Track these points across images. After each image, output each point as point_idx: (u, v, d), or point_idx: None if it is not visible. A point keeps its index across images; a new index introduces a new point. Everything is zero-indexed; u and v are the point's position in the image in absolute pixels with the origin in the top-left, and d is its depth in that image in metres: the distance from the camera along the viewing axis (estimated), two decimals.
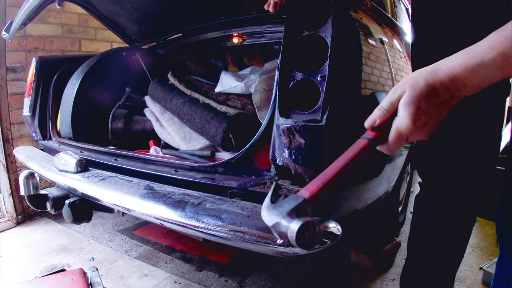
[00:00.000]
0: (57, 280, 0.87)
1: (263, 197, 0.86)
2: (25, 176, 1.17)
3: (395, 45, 1.19)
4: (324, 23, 0.76)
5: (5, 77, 1.96)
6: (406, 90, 0.47)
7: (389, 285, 1.41)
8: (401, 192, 1.70)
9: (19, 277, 1.45)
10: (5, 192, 2.03)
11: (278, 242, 0.62)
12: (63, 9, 2.25)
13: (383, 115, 0.50)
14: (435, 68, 0.47)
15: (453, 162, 0.85)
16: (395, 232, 1.77)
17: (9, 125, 2.00)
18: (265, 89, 1.28)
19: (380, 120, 0.50)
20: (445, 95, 0.46)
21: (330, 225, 0.73)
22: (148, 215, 0.90)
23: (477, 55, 0.44)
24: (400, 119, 0.48)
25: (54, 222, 2.04)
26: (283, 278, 1.45)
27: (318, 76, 0.75)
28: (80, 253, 1.67)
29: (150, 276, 1.47)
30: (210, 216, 0.77)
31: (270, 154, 0.86)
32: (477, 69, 0.44)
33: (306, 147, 0.75)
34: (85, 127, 1.63)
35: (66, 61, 1.79)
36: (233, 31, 1.71)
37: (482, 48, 0.45)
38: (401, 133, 0.48)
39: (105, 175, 1.09)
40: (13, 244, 1.76)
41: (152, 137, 1.65)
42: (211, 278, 1.45)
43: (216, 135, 1.30)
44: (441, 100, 0.46)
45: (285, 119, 0.76)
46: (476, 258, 1.60)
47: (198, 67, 2.20)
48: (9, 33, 1.58)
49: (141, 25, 1.93)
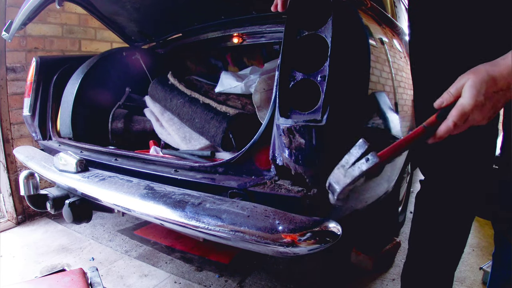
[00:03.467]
0: (57, 280, 0.87)
1: (263, 197, 0.87)
2: (25, 176, 1.17)
3: (395, 45, 1.19)
4: (324, 23, 0.76)
5: (5, 77, 1.96)
6: (470, 77, 0.57)
7: (389, 285, 1.41)
8: (401, 192, 1.70)
9: (19, 277, 1.45)
10: (5, 192, 2.03)
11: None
12: (63, 9, 2.25)
13: (449, 98, 0.60)
14: (496, 62, 0.57)
15: (453, 156, 0.86)
16: (395, 232, 1.77)
17: (9, 125, 2.00)
18: (265, 89, 1.28)
19: (446, 102, 0.60)
20: (503, 84, 0.55)
21: (330, 225, 0.73)
22: (148, 215, 0.90)
23: None
24: (463, 98, 0.57)
25: (54, 222, 2.04)
26: (283, 278, 1.45)
27: (318, 76, 0.75)
28: (80, 253, 1.67)
29: (150, 276, 1.47)
30: (210, 216, 0.77)
31: (270, 154, 0.86)
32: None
33: (306, 147, 0.75)
34: (85, 127, 1.63)
35: (66, 61, 1.79)
36: (233, 31, 1.71)
37: None
38: (463, 108, 0.57)
39: (105, 175, 1.09)
40: (13, 244, 1.76)
41: (152, 137, 1.65)
42: (211, 278, 1.45)
43: (216, 135, 1.30)
44: (498, 88, 0.55)
45: (285, 119, 0.76)
46: (476, 258, 1.60)
47: (198, 67, 2.21)
48: (9, 33, 1.58)
49: (141, 25, 1.93)
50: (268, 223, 0.72)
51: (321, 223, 0.72)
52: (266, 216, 0.74)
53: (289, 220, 0.72)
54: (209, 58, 2.25)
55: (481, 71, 0.56)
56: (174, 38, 2.05)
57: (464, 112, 0.57)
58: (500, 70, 0.55)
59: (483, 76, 0.56)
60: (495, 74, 0.55)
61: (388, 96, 1.05)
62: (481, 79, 0.56)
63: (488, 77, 0.55)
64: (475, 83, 0.56)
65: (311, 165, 0.77)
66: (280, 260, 1.58)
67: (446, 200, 0.89)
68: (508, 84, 0.55)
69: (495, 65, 0.56)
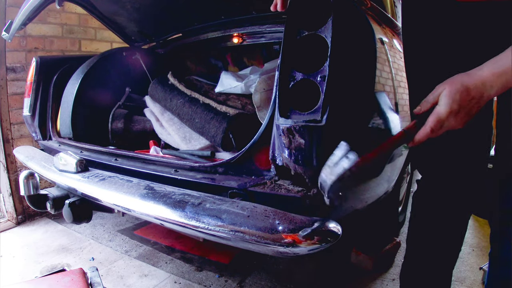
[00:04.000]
0: (57, 280, 0.87)
1: (263, 197, 0.87)
2: (25, 176, 1.17)
3: (395, 45, 1.19)
4: (324, 23, 0.76)
5: (5, 77, 1.96)
6: (445, 87, 0.62)
7: (389, 285, 1.41)
8: (401, 192, 1.70)
9: (19, 277, 1.45)
10: (5, 192, 2.03)
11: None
12: (63, 9, 2.25)
13: (427, 105, 0.65)
14: (471, 72, 0.62)
15: (448, 155, 0.87)
16: (395, 232, 1.77)
17: (9, 125, 2.00)
18: (265, 89, 1.28)
19: (424, 109, 0.66)
20: (475, 94, 0.60)
21: (330, 225, 0.73)
22: (148, 215, 0.90)
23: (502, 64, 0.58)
24: (439, 106, 0.63)
25: (54, 222, 2.04)
26: (283, 278, 1.45)
27: (318, 76, 0.75)
28: (80, 253, 1.67)
29: (150, 276, 1.47)
30: (210, 216, 0.77)
31: (270, 154, 0.86)
32: (502, 74, 0.58)
33: (306, 147, 0.75)
34: (85, 127, 1.63)
35: (66, 61, 1.79)
36: (233, 31, 1.71)
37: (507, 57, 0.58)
38: (439, 116, 0.62)
39: (105, 175, 1.09)
40: (13, 244, 1.76)
41: (152, 137, 1.65)
42: (211, 278, 1.45)
43: (216, 135, 1.30)
44: (471, 97, 0.60)
45: (285, 119, 0.76)
46: (476, 258, 1.60)
47: (198, 67, 2.21)
48: (9, 33, 1.58)
49: (141, 25, 1.93)
50: (268, 223, 0.72)
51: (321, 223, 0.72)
52: (266, 216, 0.74)
53: (289, 220, 0.72)
54: (209, 58, 2.25)
55: (457, 82, 0.61)
56: (174, 38, 2.05)
57: (440, 119, 0.63)
58: (474, 81, 0.60)
59: (457, 86, 0.61)
60: (469, 85, 0.60)
61: (388, 96, 1.05)
62: (455, 89, 0.61)
63: (462, 87, 0.60)
64: (450, 93, 0.61)
65: (311, 165, 0.77)
66: (280, 260, 1.58)
67: (442, 198, 0.90)
68: (480, 94, 0.60)
69: (470, 76, 0.61)
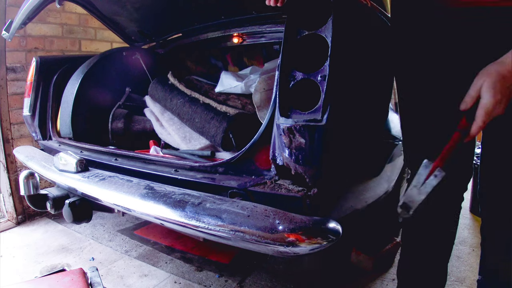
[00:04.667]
0: (57, 280, 0.87)
1: (263, 197, 0.87)
2: (25, 176, 1.17)
3: None
4: (324, 23, 0.76)
5: (5, 77, 1.96)
6: (485, 80, 0.66)
7: (389, 285, 1.41)
8: (401, 192, 1.70)
9: (19, 277, 1.45)
10: (5, 192, 2.03)
11: None
12: (63, 9, 2.25)
13: (471, 100, 0.69)
14: (501, 61, 0.66)
15: (434, 152, 0.88)
16: (395, 232, 1.77)
17: (9, 125, 2.00)
18: (265, 89, 1.27)
19: (470, 104, 0.69)
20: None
21: (330, 225, 0.73)
22: (148, 215, 0.90)
23: None
24: (484, 99, 0.66)
25: (54, 222, 2.04)
26: (283, 278, 1.45)
27: (319, 76, 0.75)
28: (80, 253, 1.67)
29: (150, 276, 1.47)
30: (210, 216, 0.77)
31: (270, 154, 0.86)
32: None
33: (306, 146, 0.75)
34: (85, 127, 1.63)
35: (66, 61, 1.79)
36: (233, 31, 1.71)
37: None
38: (487, 108, 0.66)
39: (105, 175, 1.09)
40: (13, 244, 1.76)
41: (152, 137, 1.65)
42: (211, 278, 1.45)
43: (216, 135, 1.30)
44: (510, 84, 0.65)
45: (286, 118, 0.76)
46: (476, 258, 1.60)
47: (198, 67, 2.20)
48: (9, 33, 1.58)
49: (141, 25, 1.93)
50: (268, 222, 0.72)
51: (321, 223, 0.73)
52: (266, 216, 0.74)
53: (290, 220, 0.72)
54: (209, 58, 2.25)
55: (493, 72, 0.65)
56: (174, 38, 2.05)
57: (488, 111, 0.67)
58: (508, 68, 0.64)
59: (495, 76, 0.65)
60: (505, 72, 0.64)
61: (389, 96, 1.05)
62: (494, 79, 0.65)
63: (499, 76, 0.65)
64: (491, 84, 0.65)
65: (311, 165, 0.77)
66: (280, 260, 1.58)
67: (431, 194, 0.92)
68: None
69: (502, 64, 0.65)
